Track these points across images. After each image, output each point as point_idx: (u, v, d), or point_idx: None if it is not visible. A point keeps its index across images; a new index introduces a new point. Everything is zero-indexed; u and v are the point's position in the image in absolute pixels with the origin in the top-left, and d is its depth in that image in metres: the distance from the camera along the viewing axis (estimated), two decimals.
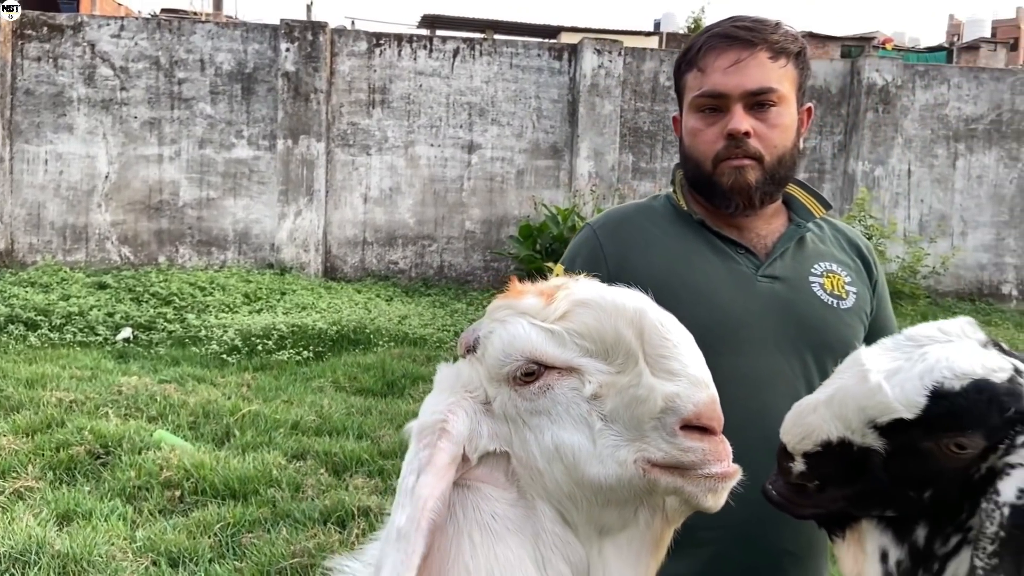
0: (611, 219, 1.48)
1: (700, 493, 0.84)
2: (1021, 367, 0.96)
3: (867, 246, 1.46)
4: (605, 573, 0.87)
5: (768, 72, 1.32)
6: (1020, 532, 0.90)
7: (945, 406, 0.92)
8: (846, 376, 0.99)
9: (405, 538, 0.78)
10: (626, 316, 0.85)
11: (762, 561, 1.25)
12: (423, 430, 0.85)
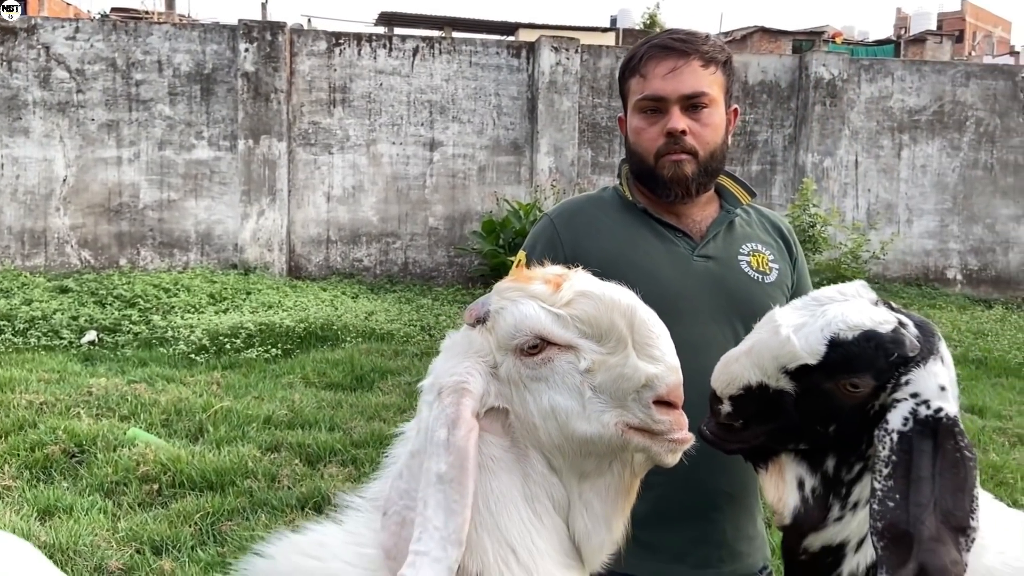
0: (566, 209, 1.66)
1: (663, 453, 1.04)
2: (905, 320, 1.16)
3: (788, 228, 1.67)
4: (584, 509, 1.05)
5: (700, 78, 1.51)
6: (907, 455, 1.10)
7: (841, 353, 1.12)
8: (762, 331, 1.18)
9: (449, 482, 0.94)
10: (620, 309, 1.03)
11: (701, 501, 1.44)
12: (446, 389, 1.01)
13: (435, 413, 0.99)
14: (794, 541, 1.28)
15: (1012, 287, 11.45)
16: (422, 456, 0.98)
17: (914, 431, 1.10)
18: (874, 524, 1.08)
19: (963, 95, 11.36)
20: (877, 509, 1.08)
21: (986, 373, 6.62)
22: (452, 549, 0.92)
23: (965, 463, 1.08)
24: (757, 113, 11.01)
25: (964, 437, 1.10)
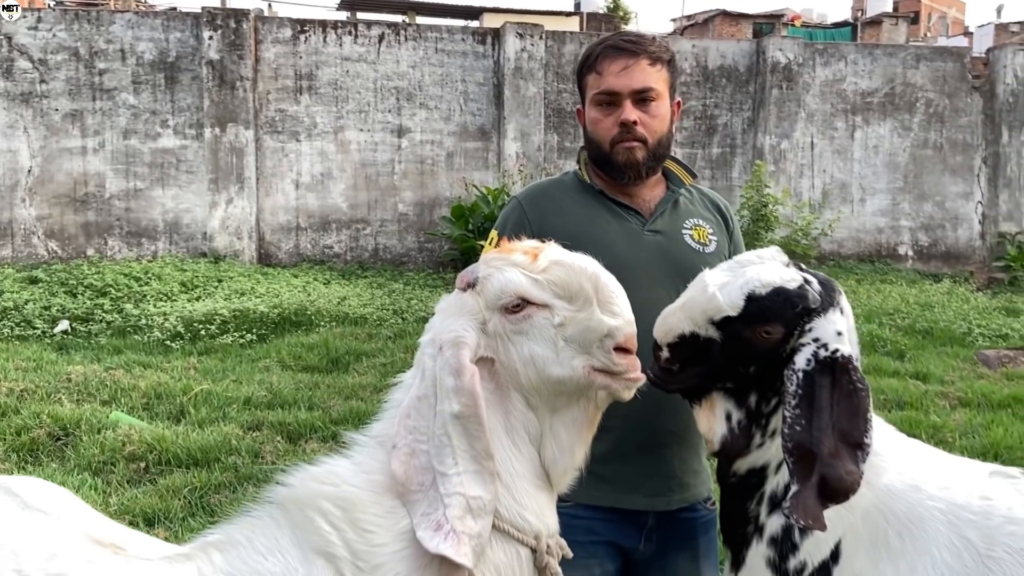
0: (532, 192, 1.88)
1: (621, 389, 1.27)
2: (810, 278, 1.40)
3: (726, 205, 1.91)
4: (554, 440, 1.27)
5: (648, 75, 1.73)
6: (810, 388, 1.34)
7: (756, 306, 1.36)
8: (694, 289, 1.42)
9: (466, 418, 1.15)
10: (586, 274, 1.25)
11: (652, 440, 1.67)
12: (447, 343, 1.21)
13: (440, 364, 1.19)
14: (725, 466, 1.52)
15: (961, 261, 11.95)
16: (429, 399, 1.18)
17: (815, 369, 1.34)
18: (785, 445, 1.33)
19: (913, 77, 11.78)
20: (787, 433, 1.33)
21: (932, 342, 7.01)
22: (486, 462, 1.14)
23: (858, 393, 1.33)
24: (717, 97, 11.31)
25: (857, 372, 1.35)
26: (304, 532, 1.17)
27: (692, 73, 11.21)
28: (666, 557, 1.74)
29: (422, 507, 1.13)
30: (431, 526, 1.10)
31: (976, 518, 1.40)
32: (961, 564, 1.37)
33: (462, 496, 1.12)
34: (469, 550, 1.10)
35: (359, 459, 1.24)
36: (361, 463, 1.23)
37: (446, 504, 1.11)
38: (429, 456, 1.15)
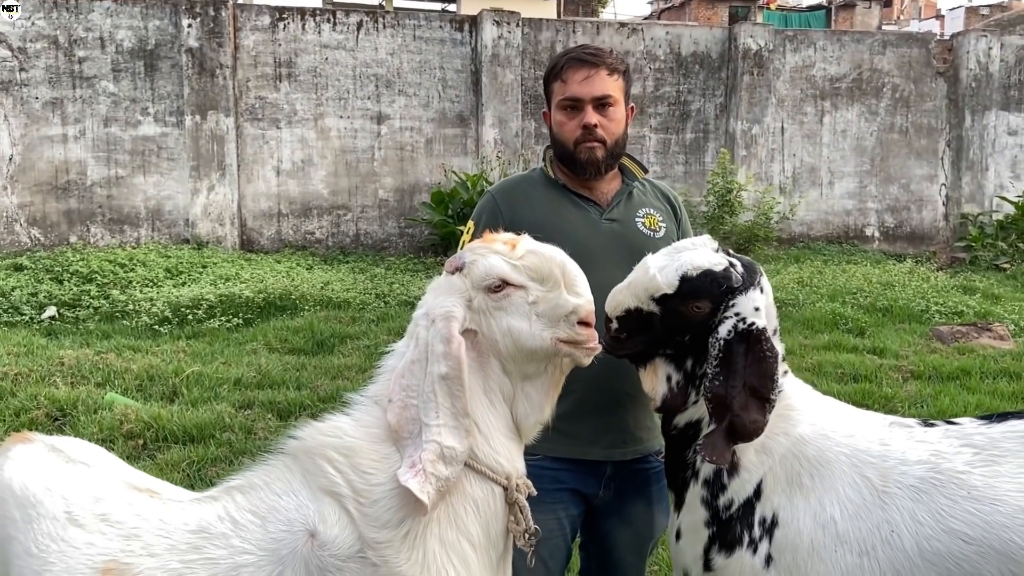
0: (504, 187, 2.13)
1: (581, 356, 1.53)
2: (735, 262, 1.66)
3: (674, 196, 2.17)
4: (525, 398, 1.53)
5: (607, 84, 1.98)
6: (729, 353, 1.61)
7: (688, 285, 1.62)
8: (638, 271, 1.68)
9: (451, 379, 1.39)
10: (556, 261, 1.52)
11: (608, 400, 1.94)
12: (438, 316, 1.44)
13: (432, 333, 1.44)
14: (667, 421, 1.79)
15: (925, 242, 12.36)
16: (421, 363, 1.43)
17: (734, 338, 1.61)
18: (706, 396, 1.59)
19: (880, 63, 12.10)
20: (709, 387, 1.60)
21: (891, 320, 7.35)
22: (460, 417, 1.38)
23: (768, 359, 1.59)
24: (690, 83, 11.56)
25: (768, 342, 1.61)
26: (313, 476, 1.42)
27: (666, 60, 11.45)
28: (623, 502, 2.01)
29: (409, 451, 1.37)
30: (408, 465, 1.35)
31: (875, 460, 1.68)
32: (861, 498, 1.65)
33: (437, 444, 1.37)
34: (433, 490, 1.34)
35: (358, 415, 1.49)
36: (359, 419, 1.48)
37: (423, 448, 1.36)
38: (417, 409, 1.40)
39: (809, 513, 1.67)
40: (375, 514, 1.35)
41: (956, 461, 1.64)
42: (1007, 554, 1.53)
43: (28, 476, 1.50)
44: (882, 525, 1.62)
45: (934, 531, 1.58)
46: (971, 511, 1.57)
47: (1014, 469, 1.60)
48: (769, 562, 1.67)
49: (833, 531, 1.64)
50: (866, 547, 1.62)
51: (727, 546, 1.72)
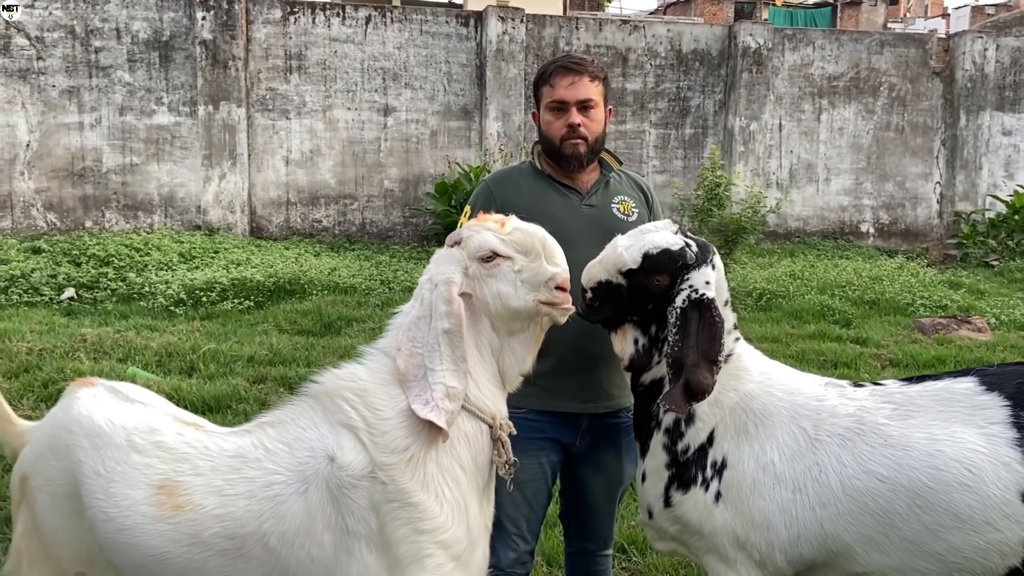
0: (497, 176, 2.42)
1: (558, 316, 1.81)
2: (690, 242, 1.95)
3: (647, 186, 2.46)
4: (510, 352, 1.81)
5: (589, 89, 2.27)
6: (684, 320, 1.90)
7: (650, 261, 1.91)
8: (608, 249, 1.97)
9: (453, 333, 1.67)
10: (538, 237, 1.81)
11: (585, 360, 2.23)
12: (441, 281, 1.73)
13: (435, 295, 1.73)
14: (634, 379, 2.09)
15: (919, 239, 12.61)
16: (426, 319, 1.71)
17: (688, 307, 1.90)
18: (665, 358, 1.89)
19: (878, 62, 12.33)
20: (667, 350, 1.89)
21: (877, 312, 7.62)
22: (460, 363, 1.67)
23: (716, 325, 1.89)
24: (690, 80, 11.81)
25: (716, 310, 1.90)
26: (332, 412, 1.71)
27: (666, 56, 11.70)
28: (596, 451, 2.31)
29: (416, 391, 1.67)
30: (422, 402, 1.64)
31: (810, 413, 1.98)
32: (796, 444, 1.95)
33: (444, 385, 1.66)
34: (445, 420, 1.64)
35: (369, 363, 1.78)
36: (371, 366, 1.77)
37: (433, 389, 1.65)
38: (423, 357, 1.69)
39: (753, 457, 1.96)
40: (384, 442, 1.65)
41: (877, 415, 1.93)
42: (914, 491, 1.82)
43: (94, 412, 1.79)
44: (813, 467, 1.91)
45: (855, 472, 1.87)
46: (886, 455, 1.87)
47: (924, 421, 1.89)
48: (718, 498, 1.97)
49: (772, 472, 1.93)
50: (799, 485, 1.91)
51: (684, 485, 2.02)
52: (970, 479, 1.79)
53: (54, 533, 1.78)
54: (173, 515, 1.62)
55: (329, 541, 1.60)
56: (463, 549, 1.67)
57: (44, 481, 1.79)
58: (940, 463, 1.81)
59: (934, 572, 1.83)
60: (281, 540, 1.61)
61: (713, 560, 2.01)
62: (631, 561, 2.99)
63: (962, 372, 1.97)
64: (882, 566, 1.86)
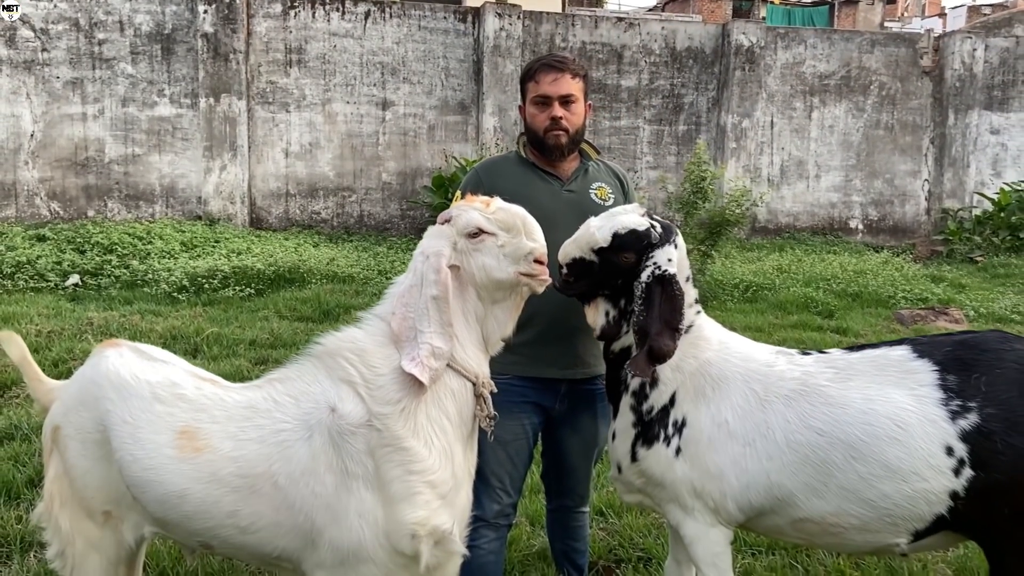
0: (486, 164, 2.64)
1: (536, 286, 2.02)
2: (655, 225, 2.18)
3: (623, 174, 2.68)
4: (493, 319, 2.02)
5: (570, 85, 2.49)
6: (648, 293, 2.12)
7: (618, 241, 2.13)
8: (582, 229, 2.19)
9: (440, 300, 1.87)
10: (519, 216, 2.01)
11: (563, 330, 2.45)
12: (432, 253, 1.93)
13: (426, 266, 1.94)
14: (606, 348, 2.31)
15: (907, 235, 12.85)
16: (418, 287, 1.92)
17: (652, 281, 2.12)
18: (632, 327, 2.11)
19: (868, 61, 12.55)
20: (634, 320, 2.11)
21: (860, 304, 7.86)
22: (446, 327, 1.89)
23: (676, 297, 2.11)
24: (684, 77, 12.03)
25: (677, 285, 2.12)
26: (333, 369, 1.93)
27: (661, 54, 11.91)
28: (574, 414, 2.54)
29: (407, 349, 1.89)
30: (409, 359, 1.86)
31: (761, 378, 2.20)
32: (748, 404, 2.17)
33: (430, 345, 1.88)
34: (428, 376, 1.85)
35: (366, 327, 2.00)
36: (368, 329, 1.99)
37: (420, 347, 1.87)
38: (414, 320, 1.91)
39: (709, 416, 2.18)
40: (379, 395, 1.87)
41: (820, 378, 2.16)
42: (849, 443, 2.05)
43: (120, 368, 2.01)
44: (761, 424, 2.14)
45: (798, 428, 2.10)
46: (826, 413, 2.09)
47: (861, 384, 2.12)
48: (678, 453, 2.19)
49: (726, 429, 2.16)
50: (749, 440, 2.13)
51: (648, 441, 2.24)
52: (900, 434, 2.02)
53: (83, 476, 2.00)
54: (194, 456, 1.84)
55: (331, 481, 1.82)
56: (449, 489, 1.89)
57: (75, 430, 2.01)
58: (873, 420, 2.04)
59: (867, 517, 2.06)
60: (288, 479, 1.83)
61: (674, 508, 2.24)
62: (608, 522, 3.22)
63: (898, 342, 2.20)
64: (821, 512, 2.09)
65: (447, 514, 1.88)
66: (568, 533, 2.74)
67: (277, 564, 1.93)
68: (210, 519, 1.84)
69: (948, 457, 1.99)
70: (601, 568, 2.90)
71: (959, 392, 2.02)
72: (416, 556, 1.83)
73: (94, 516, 2.01)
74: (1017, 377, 2.01)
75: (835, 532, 2.12)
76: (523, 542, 2.98)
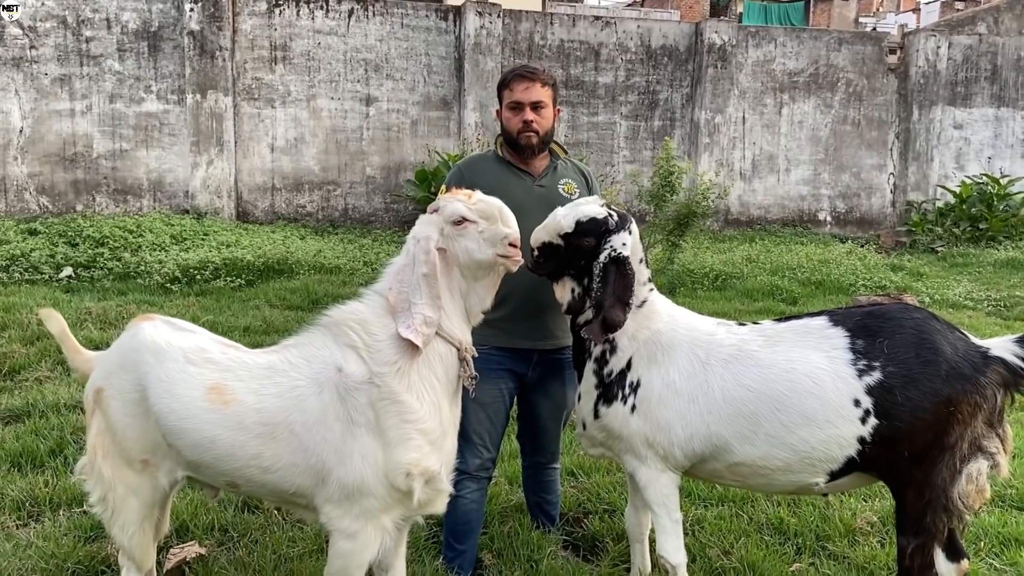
0: (467, 162, 3.00)
1: (511, 265, 2.36)
2: (612, 214, 2.54)
3: (588, 171, 3.05)
4: (475, 294, 2.36)
5: (541, 93, 2.85)
6: (605, 272, 2.48)
7: (580, 227, 2.50)
8: (550, 217, 2.56)
9: (429, 277, 2.21)
10: (496, 206, 2.36)
11: (535, 306, 2.81)
12: (422, 238, 2.27)
13: (417, 249, 2.28)
14: (572, 320, 2.68)
15: (873, 226, 13.35)
16: (411, 267, 2.26)
17: (608, 262, 2.48)
18: (591, 301, 2.48)
19: (836, 59, 13.02)
20: (593, 295, 2.48)
21: (822, 291, 8.30)
22: (435, 300, 2.24)
23: (628, 276, 2.48)
24: (659, 74, 12.42)
25: (629, 266, 2.49)
26: (339, 336, 2.28)
27: (636, 51, 12.30)
28: (544, 381, 2.91)
29: (402, 318, 2.24)
30: (405, 326, 2.21)
31: (703, 344, 2.58)
32: (692, 367, 2.54)
33: (422, 315, 2.23)
34: (421, 340, 2.21)
35: (367, 302, 2.35)
36: (368, 302, 2.34)
37: (413, 317, 2.22)
38: (408, 294, 2.26)
39: (660, 377, 2.56)
40: (379, 358, 2.22)
41: (752, 344, 2.54)
42: (774, 398, 2.43)
43: (156, 337, 2.34)
44: (703, 384, 2.51)
45: (733, 385, 2.48)
46: (756, 373, 2.47)
47: (785, 348, 2.50)
48: (634, 410, 2.57)
49: (674, 388, 2.54)
50: (693, 397, 2.51)
51: (608, 401, 2.61)
52: (815, 389, 2.40)
53: (124, 431, 2.34)
54: (223, 408, 2.18)
55: (338, 428, 2.17)
56: (437, 437, 2.25)
57: (116, 391, 2.34)
58: (794, 377, 2.42)
59: (790, 460, 2.45)
60: (303, 427, 2.18)
61: (630, 458, 2.61)
62: (578, 481, 3.60)
63: (818, 313, 2.58)
64: (752, 456, 2.47)
65: (436, 457, 2.24)
66: (541, 487, 3.12)
67: (292, 500, 2.28)
68: (237, 461, 2.19)
69: (856, 408, 2.38)
70: (571, 519, 3.27)
71: (865, 354, 2.41)
72: (410, 492, 2.18)
73: (133, 465, 2.35)
74: (914, 340, 2.40)
75: (764, 474, 2.50)
76: (502, 497, 3.34)
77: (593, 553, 3.08)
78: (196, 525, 3.06)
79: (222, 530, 3.07)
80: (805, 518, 3.26)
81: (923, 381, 2.33)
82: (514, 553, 2.94)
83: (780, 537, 3.16)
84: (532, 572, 2.83)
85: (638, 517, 2.87)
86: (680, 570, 2.58)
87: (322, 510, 2.21)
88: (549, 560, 2.88)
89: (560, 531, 3.16)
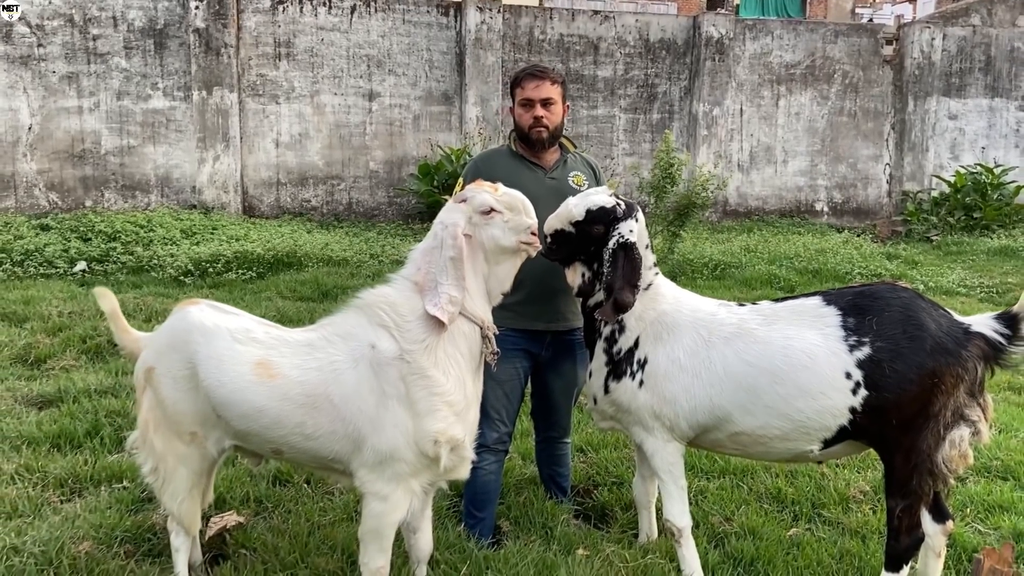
0: (483, 156, 3.21)
1: (532, 251, 2.58)
2: (620, 203, 2.74)
3: (595, 164, 3.25)
4: (495, 277, 2.56)
5: (550, 90, 3.05)
6: (614, 257, 2.68)
7: (591, 216, 2.70)
8: (562, 207, 2.76)
9: (456, 260, 2.41)
10: (519, 199, 2.57)
11: (547, 291, 3.01)
12: (450, 224, 2.46)
13: (446, 233, 2.47)
14: (583, 303, 2.88)
15: (870, 216, 13.55)
16: (438, 250, 2.46)
17: (616, 248, 2.68)
18: (602, 284, 2.68)
19: (832, 51, 13.19)
20: (603, 279, 2.68)
21: (819, 279, 8.50)
22: (460, 281, 2.44)
23: (636, 260, 2.68)
24: (657, 68, 12.60)
25: (636, 251, 2.69)
26: (372, 316, 2.48)
27: (635, 45, 12.47)
28: (557, 360, 3.11)
29: (429, 296, 2.44)
30: (432, 304, 2.41)
31: (706, 323, 2.78)
32: (696, 345, 2.75)
33: (448, 294, 2.43)
34: (447, 317, 2.41)
35: (395, 285, 2.54)
36: (396, 286, 2.53)
37: (440, 296, 2.42)
38: (435, 275, 2.46)
39: (665, 355, 2.76)
40: (408, 336, 2.42)
41: (751, 323, 2.74)
42: (772, 371, 2.63)
43: (203, 318, 2.54)
44: (706, 360, 2.72)
45: (733, 361, 2.68)
46: (755, 349, 2.67)
47: (782, 326, 2.70)
48: (641, 385, 2.77)
49: (679, 364, 2.74)
50: (696, 372, 2.72)
51: (617, 377, 2.82)
52: (810, 363, 2.60)
53: (174, 405, 2.54)
54: (269, 381, 2.39)
55: (372, 400, 2.38)
56: (462, 408, 2.45)
57: (166, 369, 2.54)
58: (790, 352, 2.62)
59: (787, 429, 2.65)
60: (341, 399, 2.38)
61: (638, 429, 2.82)
62: (588, 456, 3.81)
63: (812, 293, 2.79)
64: (752, 426, 2.68)
65: (460, 427, 2.44)
66: (554, 460, 3.33)
67: (330, 466, 2.48)
68: (283, 429, 2.39)
69: (847, 380, 2.58)
70: (581, 490, 3.49)
71: (856, 330, 2.61)
72: (437, 458, 2.39)
73: (182, 437, 2.56)
74: (901, 317, 2.60)
75: (763, 442, 2.71)
76: (517, 471, 3.56)
77: (603, 521, 3.29)
78: (232, 497, 3.26)
79: (257, 501, 3.27)
80: (802, 488, 3.47)
81: (909, 355, 2.53)
82: (530, 521, 3.15)
83: (778, 505, 3.38)
84: (547, 538, 3.04)
85: (645, 486, 3.08)
86: (685, 532, 2.79)
87: (357, 474, 2.42)
88: (563, 527, 3.09)
89: (572, 502, 3.37)
